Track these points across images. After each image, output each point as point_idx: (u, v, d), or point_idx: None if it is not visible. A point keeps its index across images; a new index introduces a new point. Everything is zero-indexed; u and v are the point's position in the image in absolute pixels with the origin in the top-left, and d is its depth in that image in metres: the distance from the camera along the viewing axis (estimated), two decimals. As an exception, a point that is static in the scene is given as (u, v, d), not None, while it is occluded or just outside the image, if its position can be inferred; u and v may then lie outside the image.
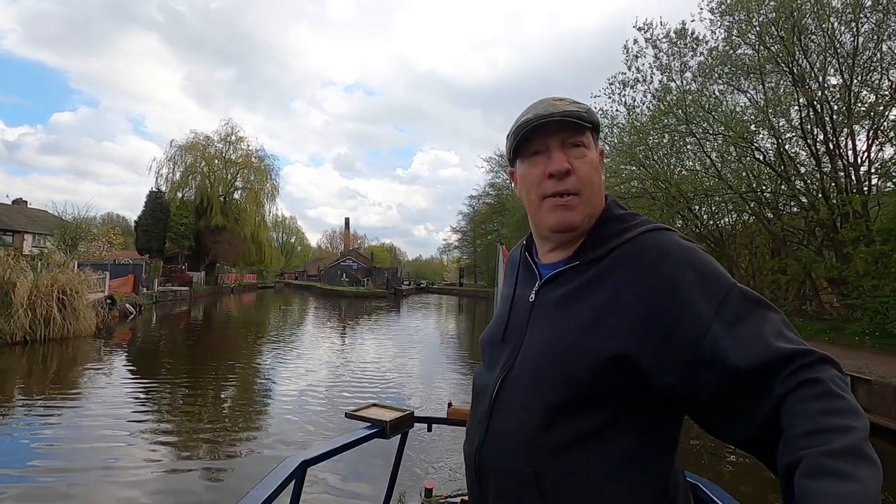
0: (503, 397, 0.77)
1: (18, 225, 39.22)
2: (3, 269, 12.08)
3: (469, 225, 60.23)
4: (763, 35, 11.57)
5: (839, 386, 0.59)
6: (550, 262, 0.83)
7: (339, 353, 13.37)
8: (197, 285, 35.65)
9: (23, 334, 11.83)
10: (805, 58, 11.44)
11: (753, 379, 0.62)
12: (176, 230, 38.53)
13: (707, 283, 0.67)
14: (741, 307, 0.66)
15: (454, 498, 1.79)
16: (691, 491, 1.03)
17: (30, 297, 12.09)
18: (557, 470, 0.69)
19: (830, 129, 11.99)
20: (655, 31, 13.32)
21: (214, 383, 9.36)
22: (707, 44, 12.80)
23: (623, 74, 14.54)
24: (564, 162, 0.76)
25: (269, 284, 58.08)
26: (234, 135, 43.95)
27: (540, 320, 0.78)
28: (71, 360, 11.06)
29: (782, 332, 0.65)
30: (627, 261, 0.72)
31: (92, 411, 7.03)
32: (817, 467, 0.50)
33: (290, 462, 1.13)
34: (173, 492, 4.63)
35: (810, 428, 0.55)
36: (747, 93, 12.78)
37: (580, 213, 0.77)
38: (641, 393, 0.69)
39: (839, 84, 11.84)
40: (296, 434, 6.34)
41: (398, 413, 1.56)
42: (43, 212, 45.53)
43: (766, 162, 12.96)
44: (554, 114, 0.75)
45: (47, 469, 5.01)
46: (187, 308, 26.75)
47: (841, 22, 10.96)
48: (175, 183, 41.28)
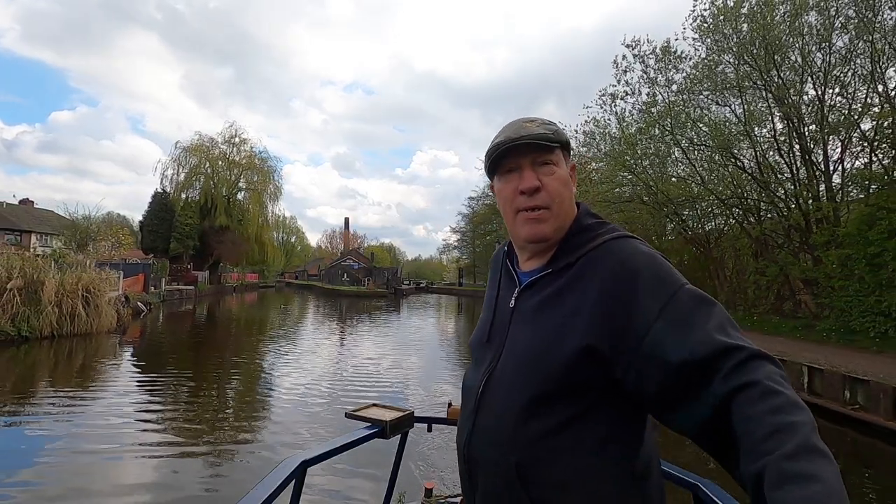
0: (487, 395, 0.84)
1: (25, 225, 39.93)
2: (32, 268, 12.87)
3: (468, 225, 60.71)
4: (740, 54, 12.46)
5: (777, 382, 0.61)
6: (528, 270, 0.89)
7: (341, 351, 13.74)
8: (202, 284, 36.48)
9: (50, 329, 12.62)
10: (779, 75, 12.30)
11: (692, 374, 0.65)
12: (181, 230, 39.28)
13: (657, 285, 0.73)
14: (686, 306, 0.71)
15: (454, 498, 1.79)
16: (691, 491, 1.10)
17: (56, 295, 12.90)
18: (535, 458, 0.75)
19: (806, 141, 12.88)
20: (643, 47, 14.29)
21: (220, 380, 9.63)
22: (690, 60, 13.72)
23: (613, 87, 15.48)
24: (534, 180, 0.83)
25: (270, 284, 58.70)
26: (237, 136, 44.72)
27: (520, 324, 0.84)
28: (94, 354, 11.75)
29: (723, 329, 0.68)
30: (593, 266, 0.79)
31: (110, 402, 7.45)
32: (780, 474, 0.52)
33: (290, 462, 1.14)
34: (175, 486, 4.70)
35: (762, 432, 0.56)
36: (728, 106, 13.68)
37: (550, 226, 0.84)
38: (609, 385, 0.75)
39: (813, 97, 12.73)
40: (296, 428, 6.46)
41: (398, 413, 1.57)
42: (49, 212, 46.28)
43: (746, 170, 13.85)
44: (523, 136, 0.82)
45: (65, 453, 5.33)
46: (192, 307, 27.34)
47: (812, 42, 11.82)
48: (179, 184, 42.03)
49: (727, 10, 12.39)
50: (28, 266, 12.95)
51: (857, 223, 10.66)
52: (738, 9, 12.31)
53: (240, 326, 20.72)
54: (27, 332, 12.17)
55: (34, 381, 8.93)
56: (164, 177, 41.81)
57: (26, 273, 12.68)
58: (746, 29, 11.87)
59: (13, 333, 11.92)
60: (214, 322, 22.02)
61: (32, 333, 12.26)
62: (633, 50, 14.27)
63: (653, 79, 14.27)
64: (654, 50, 14.01)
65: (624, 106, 15.46)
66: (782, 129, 13.32)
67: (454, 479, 4.39)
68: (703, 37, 12.98)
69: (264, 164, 45.94)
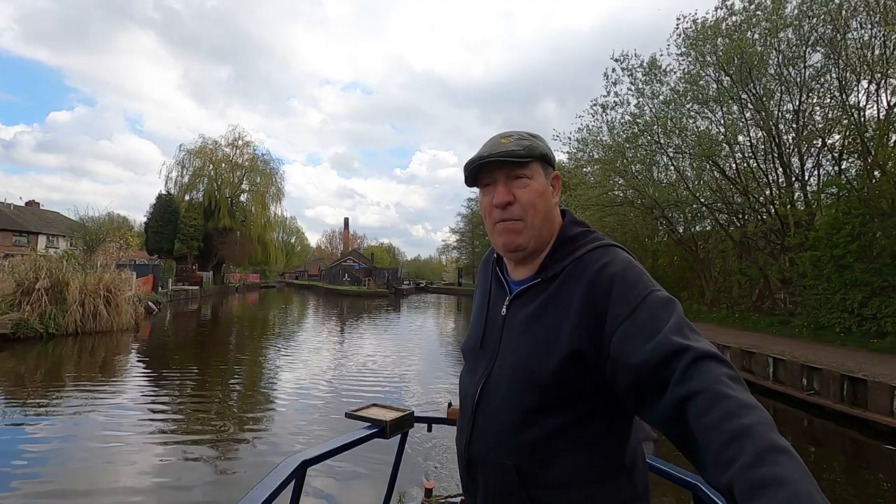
0: (484, 401, 0.89)
1: (33, 226, 40.68)
2: (57, 270, 13.70)
3: (467, 226, 61.49)
4: (720, 69, 13.36)
5: (725, 384, 0.63)
6: (518, 280, 0.94)
7: (345, 349, 14.18)
8: (206, 284, 37.31)
9: (74, 327, 13.45)
10: (757, 88, 13.18)
11: (651, 375, 0.69)
12: (185, 231, 40.09)
13: (627, 290, 0.78)
14: (649, 311, 0.75)
15: (454, 498, 1.77)
16: (691, 490, 1.15)
17: (80, 294, 13.72)
18: (535, 461, 0.81)
19: (783, 149, 13.76)
20: (631, 61, 15.22)
21: (225, 376, 9.97)
22: (675, 74, 14.63)
23: (604, 98, 16.42)
24: (506, 195, 0.87)
25: (271, 284, 59.34)
26: (241, 139, 45.58)
27: (512, 333, 0.89)
28: (114, 350, 12.48)
29: (679, 330, 0.71)
30: (577, 275, 0.84)
31: (127, 396, 7.90)
32: (747, 486, 0.53)
33: (290, 462, 1.15)
34: (177, 486, 4.74)
35: (720, 441, 0.58)
36: (709, 118, 14.58)
37: (525, 236, 0.88)
38: (598, 388, 0.79)
39: (790, 109, 13.60)
40: (306, 427, 6.61)
41: (398, 413, 1.58)
42: (55, 213, 47.04)
43: (728, 177, 14.75)
44: (493, 154, 0.87)
45: (70, 448, 5.58)
46: (198, 306, 28.01)
47: (787, 59, 12.70)
48: (184, 186, 42.86)
49: (707, 28, 13.29)
50: (54, 267, 13.78)
51: (826, 227, 11.54)
52: (717, 27, 13.21)
53: (249, 326, 21.37)
54: (54, 329, 12.98)
55: (60, 376, 9.43)
56: (168, 179, 42.69)
57: (52, 274, 13.50)
58: (724, 46, 12.75)
59: (42, 330, 12.73)
60: (224, 322, 22.66)
61: (59, 331, 13.07)
62: (622, 64, 15.23)
63: (640, 90, 15.20)
64: (642, 63, 14.96)
65: (614, 115, 16.40)
66: (761, 137, 14.21)
67: (454, 479, 4.49)
68: (685, 54, 13.90)
69: (267, 165, 46.80)
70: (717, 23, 13.40)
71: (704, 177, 15.30)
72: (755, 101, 13.32)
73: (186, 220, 40.57)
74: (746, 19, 12.97)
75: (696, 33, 13.56)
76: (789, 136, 13.71)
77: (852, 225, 10.69)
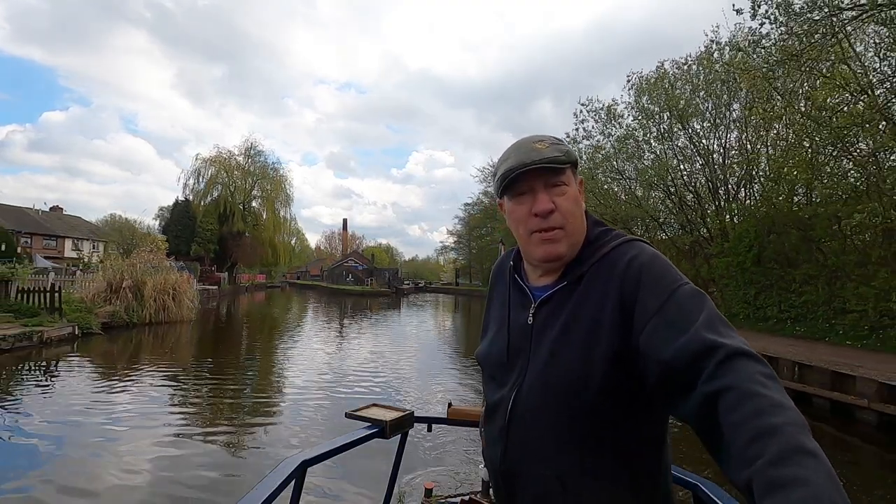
0: (518, 413, 0.87)
1: (61, 231, 43.75)
2: (137, 272, 17.20)
3: (465, 228, 63.60)
4: (664, 111, 17.16)
5: (759, 382, 0.61)
6: (542, 286, 0.92)
7: (348, 347, 15.05)
8: (223, 284, 40.73)
9: (149, 318, 16.94)
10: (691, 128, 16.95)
11: (682, 370, 0.67)
12: (203, 235, 43.60)
13: (657, 281, 0.77)
14: (680, 304, 0.73)
15: (454, 498, 1.80)
16: (691, 490, 1.18)
17: (153, 292, 17.21)
18: (574, 471, 0.81)
19: (714, 176, 17.49)
20: (595, 104, 19.07)
21: (244, 368, 10.86)
22: (629, 117, 18.51)
23: (574, 131, 20.31)
24: (548, 203, 0.85)
25: (276, 284, 62.22)
26: (253, 148, 49.08)
27: (542, 340, 0.87)
28: (177, 337, 15.72)
29: (712, 325, 0.69)
30: (603, 273, 0.84)
31: (143, 390, 8.34)
32: (766, 483, 0.52)
33: (290, 462, 1.15)
34: (178, 480, 4.80)
35: (745, 438, 0.56)
36: (655, 152, 18.39)
37: (565, 245, 0.87)
38: (638, 387, 0.76)
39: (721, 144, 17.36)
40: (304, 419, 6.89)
41: (398, 413, 1.59)
42: (77, 217, 50.17)
43: (671, 198, 18.53)
44: (535, 161, 0.84)
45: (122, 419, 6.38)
46: (217, 304, 30.71)
47: (714, 108, 16.47)
48: (199, 193, 46.35)
49: (650, 84, 17.11)
50: (134, 270, 17.28)
51: (735, 240, 15.23)
52: (660, 82, 16.99)
53: (266, 322, 24.08)
54: (136, 319, 16.47)
55: (138, 358, 11.50)
56: (185, 186, 46.16)
57: (133, 274, 16.98)
58: (664, 98, 16.56)
59: (127, 320, 16.21)
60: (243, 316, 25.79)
61: (139, 321, 16.56)
62: (587, 107, 19.16)
63: (601, 129, 19.10)
64: (603, 107, 18.87)
65: (582, 147, 20.17)
66: (699, 166, 17.96)
67: (454, 479, 4.60)
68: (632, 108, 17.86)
69: (276, 173, 50.37)
70: (661, 77, 17.17)
71: (651, 198, 19.10)
72: (691, 137, 17.09)
73: (204, 224, 44.02)
74: (682, 75, 16.75)
75: (643, 86, 17.35)
76: (717, 166, 17.46)
77: (749, 238, 14.37)
